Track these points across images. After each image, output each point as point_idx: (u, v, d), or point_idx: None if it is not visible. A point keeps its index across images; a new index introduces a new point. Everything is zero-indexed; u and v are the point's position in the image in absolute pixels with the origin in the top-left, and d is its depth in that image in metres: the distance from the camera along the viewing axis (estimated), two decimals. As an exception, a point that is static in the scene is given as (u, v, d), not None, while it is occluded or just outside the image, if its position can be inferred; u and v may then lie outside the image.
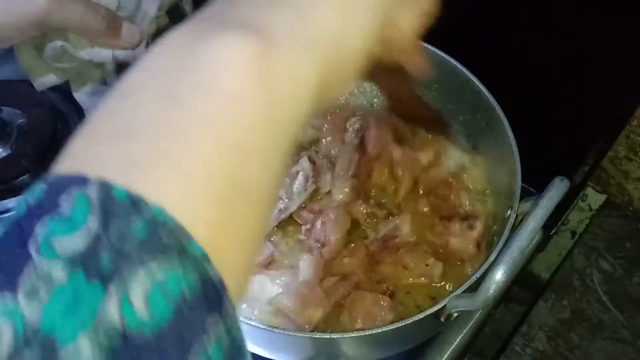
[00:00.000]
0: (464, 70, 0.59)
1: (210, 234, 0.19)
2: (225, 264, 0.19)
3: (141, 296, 0.17)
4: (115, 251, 0.17)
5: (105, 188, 0.18)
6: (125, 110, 0.21)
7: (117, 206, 0.18)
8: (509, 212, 0.52)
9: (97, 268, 0.17)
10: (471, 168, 0.63)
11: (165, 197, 0.18)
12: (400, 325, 0.47)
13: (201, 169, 0.20)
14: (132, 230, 0.17)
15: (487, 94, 0.58)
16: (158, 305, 0.17)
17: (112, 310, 0.16)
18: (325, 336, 0.48)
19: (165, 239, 0.18)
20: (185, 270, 0.18)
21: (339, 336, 0.48)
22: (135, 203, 0.18)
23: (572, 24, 0.55)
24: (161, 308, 0.17)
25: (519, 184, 0.53)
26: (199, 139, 0.20)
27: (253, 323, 0.47)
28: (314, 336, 0.49)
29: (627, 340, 0.60)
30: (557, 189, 0.48)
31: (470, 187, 0.62)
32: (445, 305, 0.47)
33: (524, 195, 0.53)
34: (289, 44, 0.23)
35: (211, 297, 0.18)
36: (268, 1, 0.25)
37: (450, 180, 0.61)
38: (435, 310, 0.47)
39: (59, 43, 0.50)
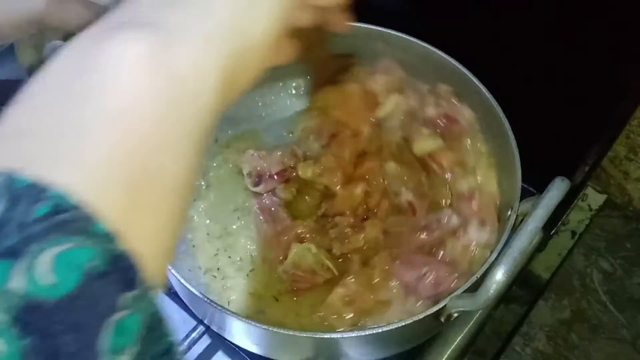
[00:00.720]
0: (464, 70, 0.59)
1: (120, 216, 0.20)
2: (139, 245, 0.20)
3: (47, 266, 0.18)
4: (21, 231, 0.18)
5: (10, 177, 0.19)
6: (29, 112, 0.22)
7: (21, 193, 0.19)
8: (509, 212, 0.52)
9: (3, 246, 0.18)
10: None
11: (69, 186, 0.19)
12: (400, 325, 0.47)
13: (105, 161, 0.21)
14: (37, 213, 0.19)
15: (487, 94, 0.58)
16: (64, 273, 0.18)
17: (19, 281, 0.18)
18: (325, 336, 0.48)
19: (70, 219, 0.19)
20: (91, 246, 0.19)
21: (339, 336, 0.48)
22: (39, 190, 0.19)
23: (572, 24, 0.55)
24: (68, 275, 0.18)
25: (519, 184, 0.53)
26: (100, 133, 0.21)
27: (252, 323, 0.47)
28: (314, 336, 0.48)
29: (627, 340, 0.60)
30: (557, 189, 0.48)
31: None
32: (445, 305, 0.47)
33: (524, 195, 0.53)
34: (188, 40, 0.24)
35: (121, 272, 0.19)
36: (166, 2, 0.26)
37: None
38: (435, 310, 0.47)
39: (58, 43, 0.50)
